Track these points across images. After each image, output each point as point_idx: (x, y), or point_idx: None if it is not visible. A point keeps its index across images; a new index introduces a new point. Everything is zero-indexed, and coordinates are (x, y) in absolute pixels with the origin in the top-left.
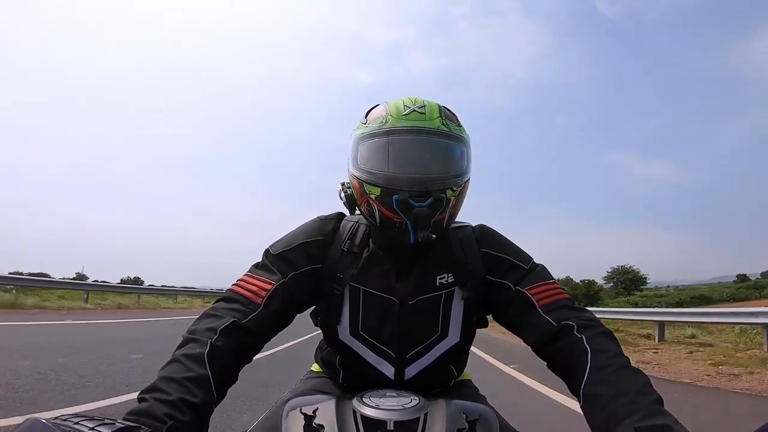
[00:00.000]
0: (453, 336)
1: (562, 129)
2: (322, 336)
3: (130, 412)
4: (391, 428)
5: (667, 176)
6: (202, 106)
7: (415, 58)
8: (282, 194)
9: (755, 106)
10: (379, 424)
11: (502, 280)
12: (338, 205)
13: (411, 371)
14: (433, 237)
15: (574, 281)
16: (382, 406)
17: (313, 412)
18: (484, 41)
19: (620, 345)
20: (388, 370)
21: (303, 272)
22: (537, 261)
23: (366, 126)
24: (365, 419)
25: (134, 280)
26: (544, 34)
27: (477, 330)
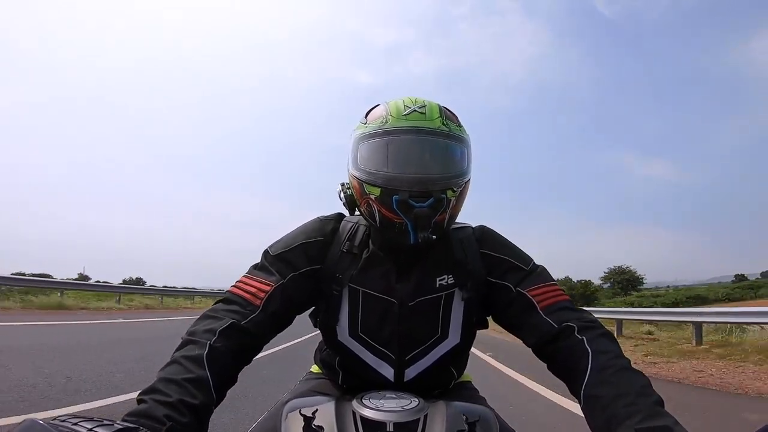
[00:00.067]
0: (453, 337)
1: (562, 129)
2: (322, 337)
3: (129, 413)
4: (391, 430)
5: (667, 176)
6: (202, 106)
7: (415, 58)
8: (282, 194)
9: (755, 106)
10: (379, 425)
11: (503, 282)
12: (338, 206)
13: (411, 373)
14: (433, 238)
15: (573, 281)
16: (382, 407)
17: (313, 413)
18: (484, 41)
19: (620, 346)
20: (388, 371)
21: (302, 273)
22: (537, 262)
23: (366, 126)
24: (365, 421)
25: (136, 280)
26: (544, 34)
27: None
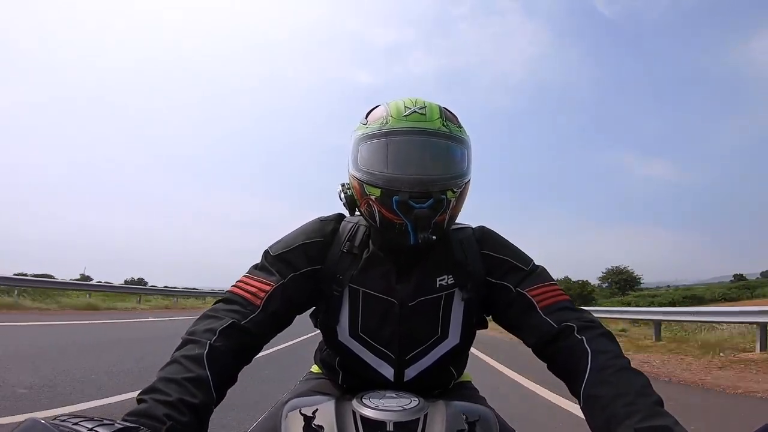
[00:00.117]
0: (453, 337)
1: (562, 129)
2: (322, 337)
3: (130, 413)
4: (391, 429)
5: (667, 176)
6: (202, 106)
7: (415, 58)
8: (282, 194)
9: (755, 106)
10: (379, 425)
11: (503, 282)
12: (338, 206)
13: (411, 372)
14: (433, 238)
15: (572, 281)
16: (382, 407)
17: (313, 413)
18: (484, 41)
19: (620, 346)
20: (388, 371)
21: (302, 273)
22: (537, 262)
23: (366, 127)
24: (365, 420)
25: (137, 281)
26: (544, 34)
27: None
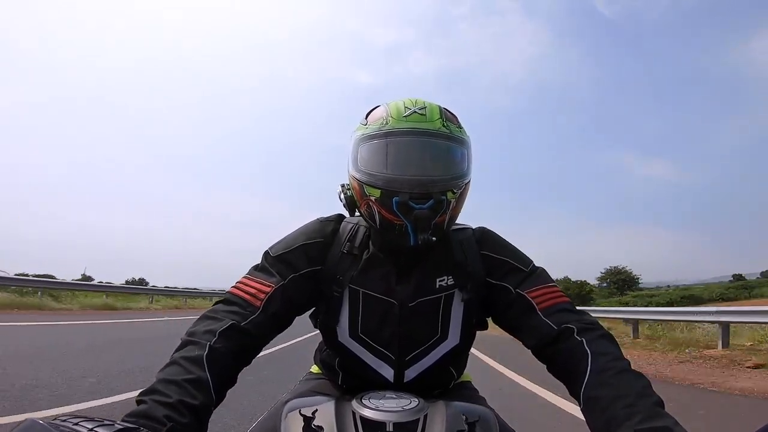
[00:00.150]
0: (453, 338)
1: (562, 129)
2: (322, 338)
3: (129, 414)
4: (391, 430)
5: (667, 176)
6: (202, 106)
7: (416, 58)
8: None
9: (755, 106)
10: (379, 425)
11: (502, 283)
12: (338, 206)
13: (410, 373)
14: (433, 240)
15: (572, 281)
16: (382, 407)
17: (313, 413)
18: (484, 41)
19: (620, 348)
20: (388, 372)
21: (302, 274)
22: (537, 263)
23: (366, 127)
24: (364, 420)
25: (139, 281)
26: (544, 34)
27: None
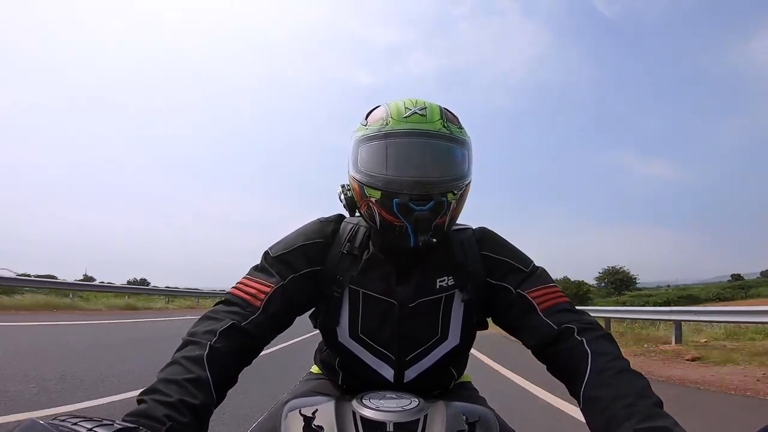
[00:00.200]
0: (453, 338)
1: (562, 129)
2: (322, 338)
3: (129, 414)
4: (391, 430)
5: (667, 176)
6: (202, 106)
7: (415, 58)
8: (282, 194)
9: (755, 106)
10: (379, 425)
11: (503, 283)
12: (338, 206)
13: (411, 373)
14: (433, 241)
15: (571, 281)
16: (382, 407)
17: (313, 413)
18: (484, 41)
19: (620, 348)
20: (388, 372)
21: (302, 275)
22: (537, 263)
23: (366, 128)
24: (365, 421)
25: (140, 281)
26: (544, 34)
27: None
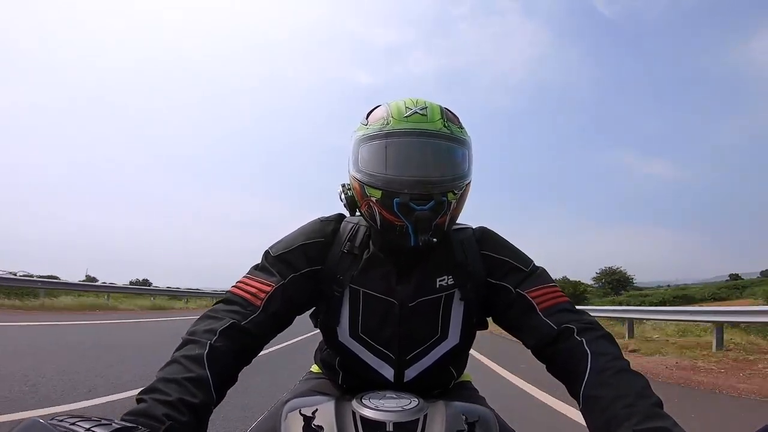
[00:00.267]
0: (453, 338)
1: (562, 129)
2: (322, 337)
3: (128, 413)
4: (391, 429)
5: (668, 176)
6: (202, 106)
7: (415, 58)
8: (282, 194)
9: (755, 106)
10: (379, 425)
11: (503, 283)
12: (338, 206)
13: (411, 373)
14: (434, 241)
15: (570, 281)
16: (382, 407)
17: (313, 413)
18: (484, 41)
19: (620, 348)
20: (388, 371)
21: (302, 274)
22: (537, 263)
23: (367, 127)
24: (364, 420)
25: (142, 281)
26: (544, 34)
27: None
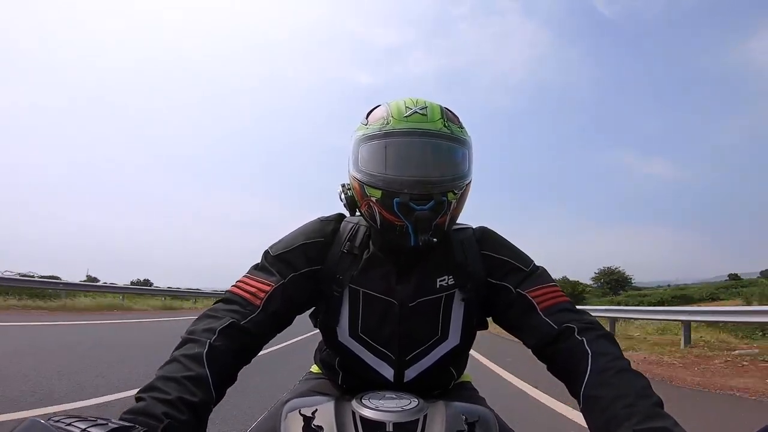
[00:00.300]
0: (453, 338)
1: (562, 129)
2: (322, 337)
3: (127, 411)
4: (390, 430)
5: (667, 176)
6: (202, 106)
7: (415, 58)
8: (282, 194)
9: (755, 106)
10: (378, 425)
11: (503, 283)
12: (338, 206)
13: (410, 373)
14: (434, 241)
15: (570, 280)
16: (382, 407)
17: (312, 413)
18: (484, 41)
19: (620, 348)
20: (388, 371)
21: (302, 274)
22: (537, 263)
23: (367, 127)
24: (364, 421)
25: (143, 282)
26: (544, 34)
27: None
